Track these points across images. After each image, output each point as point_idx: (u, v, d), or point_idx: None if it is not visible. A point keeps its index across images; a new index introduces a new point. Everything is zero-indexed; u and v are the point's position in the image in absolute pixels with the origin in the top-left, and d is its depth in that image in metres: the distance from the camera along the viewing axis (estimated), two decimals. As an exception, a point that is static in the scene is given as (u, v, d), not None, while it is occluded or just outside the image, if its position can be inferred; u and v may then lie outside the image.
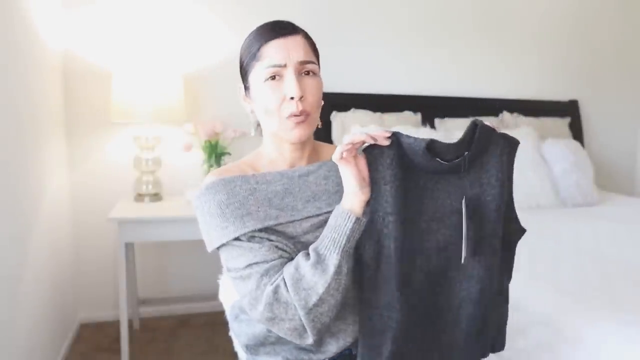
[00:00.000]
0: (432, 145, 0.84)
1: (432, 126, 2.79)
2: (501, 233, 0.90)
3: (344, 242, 0.84)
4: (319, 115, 0.95)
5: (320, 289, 0.83)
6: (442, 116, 2.82)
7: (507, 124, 2.89)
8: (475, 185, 0.88)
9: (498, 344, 1.00)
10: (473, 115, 2.85)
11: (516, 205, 0.98)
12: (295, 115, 0.89)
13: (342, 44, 2.69)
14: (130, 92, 2.18)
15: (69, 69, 2.35)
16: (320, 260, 0.84)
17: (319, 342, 0.94)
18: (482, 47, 2.96)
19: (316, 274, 0.83)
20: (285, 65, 0.89)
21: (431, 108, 2.82)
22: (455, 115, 2.82)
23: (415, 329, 0.89)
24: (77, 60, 2.36)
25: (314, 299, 0.83)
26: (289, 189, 0.95)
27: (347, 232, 0.84)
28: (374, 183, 0.86)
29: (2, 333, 1.49)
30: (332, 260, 0.83)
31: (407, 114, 2.74)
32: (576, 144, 2.82)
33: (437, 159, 0.85)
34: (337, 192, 0.97)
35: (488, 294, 0.91)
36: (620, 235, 2.05)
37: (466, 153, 0.86)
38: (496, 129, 0.89)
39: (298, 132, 0.91)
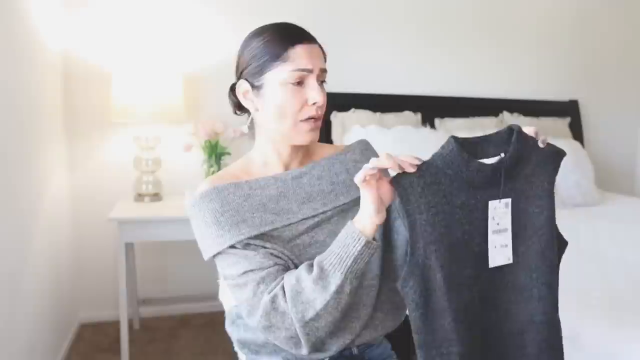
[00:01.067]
0: (462, 141, 0.80)
1: (432, 126, 2.78)
2: (555, 249, 0.86)
3: (350, 262, 0.82)
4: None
5: (318, 305, 0.82)
6: (442, 116, 2.82)
7: (507, 124, 2.88)
8: (520, 197, 0.84)
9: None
10: (473, 115, 2.86)
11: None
12: (314, 119, 0.91)
13: (342, 44, 2.69)
14: (130, 92, 2.18)
15: (68, 69, 2.35)
16: (322, 277, 0.83)
17: (320, 343, 0.94)
18: (482, 47, 2.96)
19: (316, 290, 0.82)
20: (312, 71, 0.90)
21: (431, 108, 2.82)
22: (455, 115, 2.82)
23: (479, 358, 0.84)
24: (77, 61, 2.36)
25: (310, 313, 0.83)
26: (283, 192, 0.94)
27: (355, 253, 0.82)
28: (408, 215, 0.80)
29: (2, 333, 1.49)
30: (335, 279, 0.82)
31: (407, 114, 2.74)
32: (576, 144, 2.82)
33: (476, 159, 0.80)
34: (332, 191, 0.97)
35: (550, 314, 0.87)
36: (620, 235, 2.05)
37: (502, 155, 0.82)
38: (534, 134, 0.84)
39: (312, 135, 0.93)
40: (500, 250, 0.83)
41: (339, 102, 2.60)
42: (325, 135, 2.54)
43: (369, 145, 1.09)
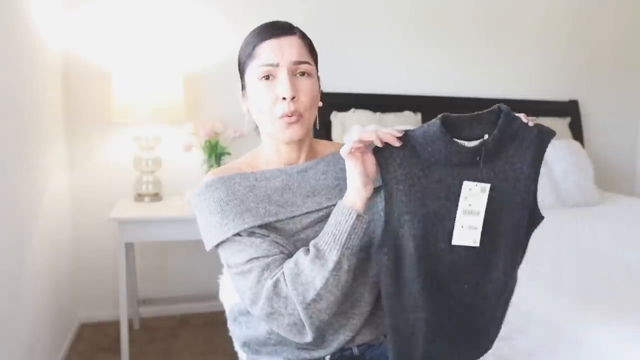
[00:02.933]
0: (447, 120, 0.82)
1: (432, 126, 2.78)
2: (525, 227, 0.89)
3: (344, 238, 0.83)
4: (314, 115, 0.95)
5: (318, 284, 0.82)
6: (442, 116, 2.81)
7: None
8: (499, 177, 0.85)
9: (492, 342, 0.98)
10: (473, 115, 2.85)
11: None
12: (287, 116, 0.89)
13: (342, 44, 2.69)
14: (130, 92, 2.18)
15: (69, 69, 2.35)
16: (319, 256, 0.83)
17: (321, 339, 0.94)
18: (482, 47, 2.96)
19: (314, 269, 0.82)
20: (278, 65, 0.89)
21: (431, 108, 2.81)
22: (455, 115, 2.82)
23: (444, 325, 0.88)
24: (77, 60, 2.36)
25: (311, 294, 0.82)
26: (288, 185, 0.95)
27: (348, 228, 0.83)
28: (385, 184, 0.84)
29: (2, 333, 1.49)
30: (332, 256, 0.82)
31: (407, 114, 2.74)
32: (576, 144, 2.82)
33: (456, 140, 0.82)
34: (337, 186, 0.97)
35: (511, 285, 0.91)
36: (620, 235, 2.05)
37: (486, 136, 0.83)
38: (524, 118, 0.86)
39: (290, 133, 0.91)
40: (467, 232, 0.85)
41: (339, 102, 2.60)
42: (325, 135, 2.54)
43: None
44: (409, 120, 2.69)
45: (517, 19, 3.02)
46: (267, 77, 0.90)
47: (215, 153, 2.33)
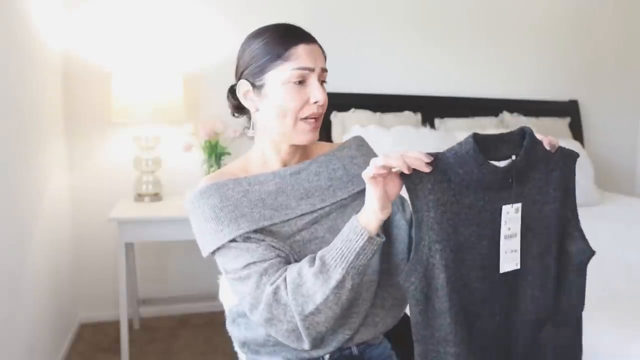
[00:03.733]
0: (478, 138, 0.78)
1: (432, 126, 2.79)
2: (555, 252, 0.86)
3: (351, 258, 0.81)
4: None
5: (318, 299, 0.82)
6: (442, 116, 2.82)
7: (507, 124, 2.89)
8: (527, 200, 0.83)
9: None
10: (473, 115, 2.86)
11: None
12: (314, 118, 0.92)
13: (342, 44, 2.69)
14: (130, 92, 2.18)
15: (69, 69, 2.35)
16: (323, 270, 0.82)
17: (320, 338, 0.94)
18: (482, 47, 2.96)
19: (317, 284, 0.82)
20: (313, 70, 0.91)
21: (431, 108, 2.82)
22: (455, 115, 2.82)
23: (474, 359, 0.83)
24: (77, 61, 2.36)
25: (310, 307, 0.83)
26: (281, 188, 0.95)
27: (357, 249, 0.81)
28: (416, 211, 0.78)
29: (2, 332, 1.49)
30: (336, 274, 0.82)
31: (407, 114, 2.74)
32: (576, 144, 2.82)
33: (489, 161, 0.79)
34: (330, 187, 0.97)
35: (544, 315, 0.86)
36: (620, 235, 2.05)
37: (514, 157, 0.80)
38: (546, 141, 0.83)
39: (311, 136, 0.94)
40: (510, 256, 0.82)
41: (339, 102, 2.60)
42: (325, 135, 2.54)
43: (364, 141, 1.10)
44: (409, 120, 2.69)
45: (517, 18, 3.02)
46: (300, 82, 0.91)
47: (215, 153, 2.33)
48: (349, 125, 2.56)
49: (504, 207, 0.80)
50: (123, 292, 2.05)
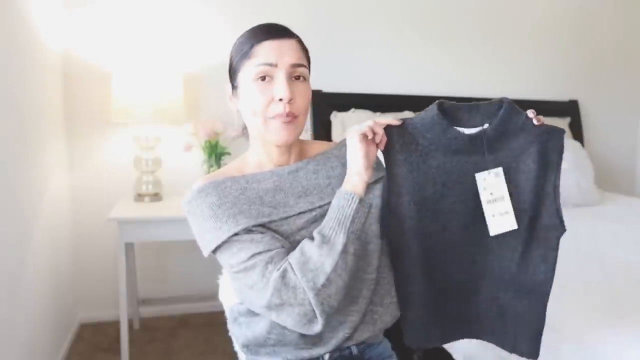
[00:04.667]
0: (444, 107, 0.87)
1: (432, 126, 2.78)
2: (527, 222, 0.91)
3: (348, 222, 0.85)
4: (305, 119, 0.95)
5: (328, 268, 0.83)
6: (442, 116, 2.81)
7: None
8: (505, 169, 0.89)
9: (528, 350, 0.95)
10: (473, 115, 2.85)
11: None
12: (283, 116, 0.89)
13: (342, 44, 2.69)
14: (130, 92, 2.18)
15: (68, 69, 2.35)
16: (325, 241, 0.84)
17: (319, 336, 0.94)
18: (482, 46, 2.96)
19: (323, 254, 0.83)
20: (276, 65, 0.89)
21: (431, 108, 2.82)
22: (455, 115, 2.82)
23: (437, 299, 0.94)
24: (77, 61, 2.36)
25: (322, 279, 0.82)
26: (279, 186, 0.95)
27: (352, 212, 0.85)
28: (387, 167, 0.91)
29: (2, 333, 1.49)
30: (339, 239, 0.84)
31: (407, 113, 2.74)
32: (576, 143, 2.82)
33: (455, 127, 0.87)
34: (329, 185, 0.97)
35: (507, 282, 0.93)
36: (620, 235, 2.05)
37: (486, 125, 0.86)
38: (532, 113, 0.88)
39: (284, 134, 0.91)
40: (500, 219, 0.89)
41: (339, 102, 2.60)
42: (325, 135, 2.54)
43: None
44: (409, 120, 2.69)
45: (517, 18, 3.02)
46: (264, 78, 0.89)
47: (215, 153, 2.33)
48: (349, 125, 2.56)
49: (478, 174, 0.88)
50: (123, 292, 2.05)
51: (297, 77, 0.91)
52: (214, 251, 0.92)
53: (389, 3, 2.76)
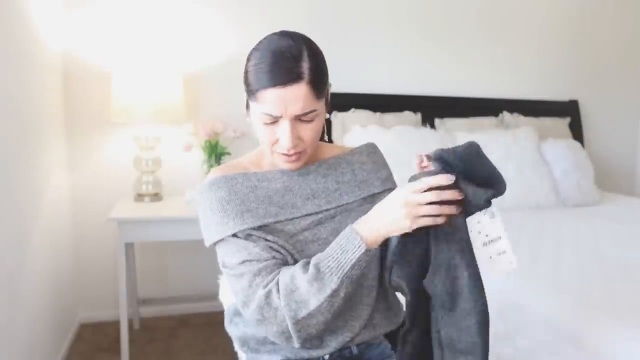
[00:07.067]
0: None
1: (432, 126, 2.79)
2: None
3: (347, 268, 0.82)
4: (316, 142, 0.93)
5: (312, 306, 0.82)
6: (442, 116, 2.82)
7: (507, 124, 2.90)
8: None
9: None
10: (473, 115, 2.86)
11: (517, 204, 0.97)
12: (287, 155, 0.90)
13: (342, 44, 2.69)
14: (130, 92, 2.18)
15: (68, 69, 2.35)
16: (318, 278, 0.82)
17: (319, 340, 0.94)
18: (483, 47, 2.96)
19: (311, 291, 0.82)
20: (280, 117, 0.86)
21: (431, 108, 2.82)
22: (455, 115, 2.82)
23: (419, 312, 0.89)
24: (77, 61, 2.36)
25: (303, 312, 0.83)
26: (289, 187, 0.96)
27: (354, 260, 0.81)
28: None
29: (2, 333, 1.49)
30: (331, 283, 0.82)
31: (407, 114, 2.74)
32: (576, 144, 2.82)
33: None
34: (337, 190, 0.98)
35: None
36: (620, 235, 2.05)
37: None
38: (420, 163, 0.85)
39: (290, 166, 0.92)
40: (499, 258, 0.83)
41: (339, 102, 2.60)
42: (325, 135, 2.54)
43: (376, 148, 1.09)
44: (408, 120, 2.69)
45: (518, 19, 3.02)
46: (272, 122, 0.87)
47: (215, 153, 2.33)
48: (349, 125, 2.56)
49: (469, 218, 0.82)
50: (123, 292, 2.05)
51: (307, 120, 0.88)
52: (215, 243, 0.93)
53: (390, 3, 2.76)
